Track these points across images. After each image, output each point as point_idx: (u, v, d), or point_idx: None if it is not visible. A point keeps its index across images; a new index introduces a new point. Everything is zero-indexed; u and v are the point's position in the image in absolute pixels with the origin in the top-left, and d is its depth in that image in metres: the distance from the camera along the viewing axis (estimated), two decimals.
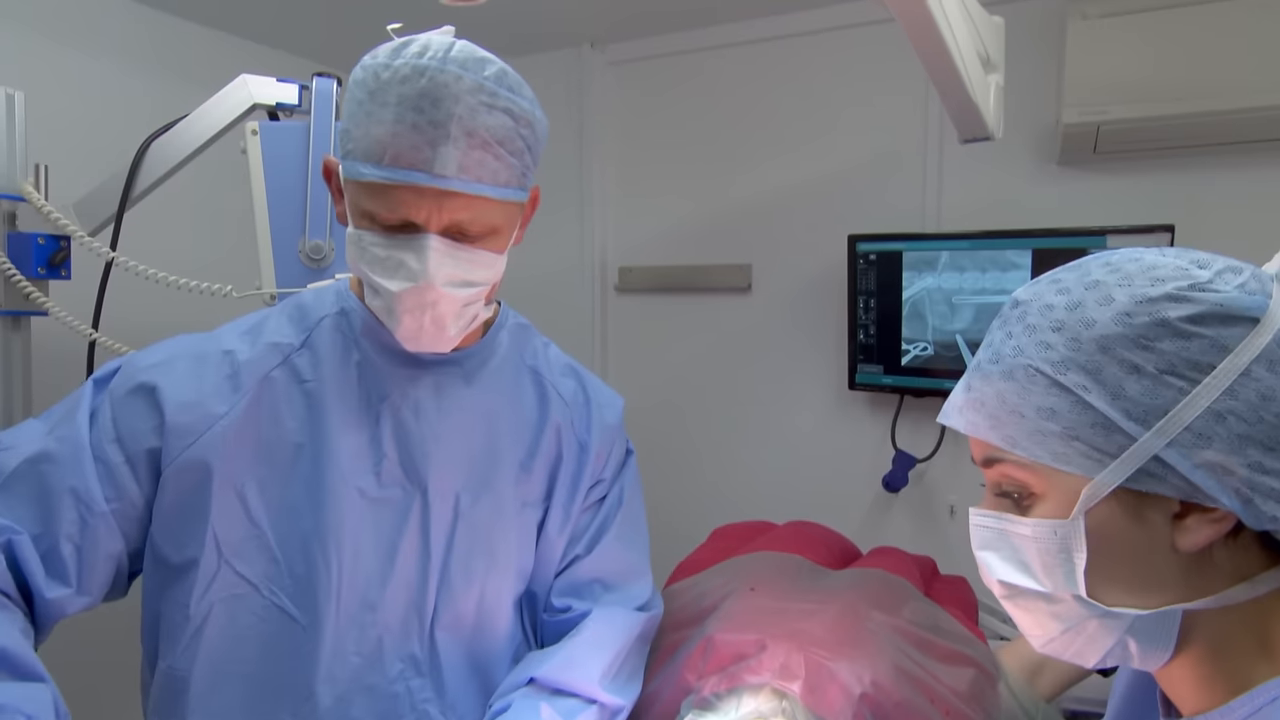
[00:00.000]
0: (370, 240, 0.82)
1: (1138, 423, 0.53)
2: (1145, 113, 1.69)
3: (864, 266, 2.03)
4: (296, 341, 0.91)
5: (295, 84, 1.43)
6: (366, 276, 0.85)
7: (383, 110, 0.78)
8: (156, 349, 0.91)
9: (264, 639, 0.86)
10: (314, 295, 0.97)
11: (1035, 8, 1.89)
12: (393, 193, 0.79)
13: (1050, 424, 0.55)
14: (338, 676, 0.87)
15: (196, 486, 0.84)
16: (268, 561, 0.86)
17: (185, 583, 0.85)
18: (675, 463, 2.42)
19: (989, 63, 1.35)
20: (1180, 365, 0.52)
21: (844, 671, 0.93)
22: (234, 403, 0.86)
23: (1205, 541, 0.53)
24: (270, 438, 0.87)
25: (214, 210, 1.93)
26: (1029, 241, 1.85)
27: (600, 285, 2.50)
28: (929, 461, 2.08)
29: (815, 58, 2.18)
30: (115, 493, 0.84)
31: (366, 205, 0.81)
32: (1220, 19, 1.65)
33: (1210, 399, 0.51)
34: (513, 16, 1.57)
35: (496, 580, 0.96)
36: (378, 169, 0.79)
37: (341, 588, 0.87)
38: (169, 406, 0.85)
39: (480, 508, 0.95)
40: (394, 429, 0.91)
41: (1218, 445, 0.51)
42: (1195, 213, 1.78)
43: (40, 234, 1.41)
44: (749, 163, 2.29)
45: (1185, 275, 0.54)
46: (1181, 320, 0.52)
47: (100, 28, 1.91)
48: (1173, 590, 0.55)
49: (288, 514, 0.87)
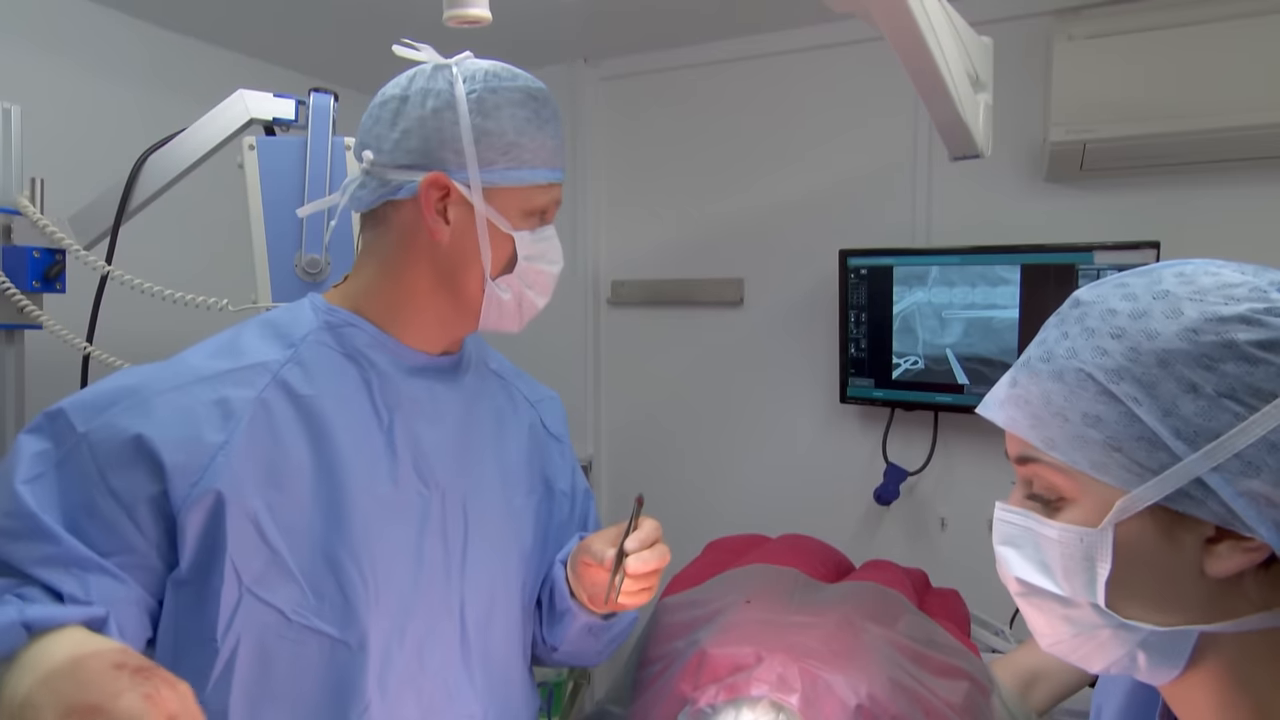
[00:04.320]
0: (531, 238, 0.95)
1: (1186, 443, 0.51)
2: (1130, 131, 1.72)
3: (855, 281, 2.05)
4: (282, 358, 0.89)
5: (292, 99, 1.44)
6: (533, 271, 0.96)
7: (552, 124, 0.95)
8: (110, 390, 0.83)
9: (302, 662, 0.84)
10: (287, 313, 0.95)
11: (1023, 29, 1.93)
12: (554, 189, 0.97)
13: (1094, 431, 0.54)
14: (388, 684, 0.87)
15: (213, 518, 0.81)
16: (291, 585, 0.83)
17: (207, 616, 0.81)
18: (667, 476, 2.42)
19: (978, 82, 1.38)
20: (1241, 390, 0.50)
21: (840, 684, 0.94)
22: (230, 430, 0.82)
23: (1235, 569, 0.52)
24: (274, 460, 0.84)
25: (210, 225, 1.93)
26: (1018, 257, 1.87)
27: (593, 299, 2.51)
28: (920, 475, 2.09)
29: (808, 75, 2.21)
30: (117, 545, 0.79)
31: (543, 200, 0.95)
32: (1203, 40, 1.68)
33: (1267, 428, 0.49)
34: (506, 32, 1.59)
35: (508, 572, 1.00)
36: (554, 172, 0.96)
37: (380, 597, 0.87)
38: (163, 449, 0.79)
39: (492, 503, 0.99)
40: (406, 435, 0.93)
41: (1266, 476, 0.49)
42: (1180, 229, 1.80)
43: (35, 247, 1.41)
44: (741, 177, 2.31)
45: (1262, 297, 0.52)
46: (1250, 344, 0.50)
47: (97, 42, 1.92)
48: (1193, 612, 0.54)
49: (306, 535, 0.84)
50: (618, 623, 1.09)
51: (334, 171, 1.39)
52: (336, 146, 1.40)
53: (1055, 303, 0.63)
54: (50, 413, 0.82)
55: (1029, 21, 1.93)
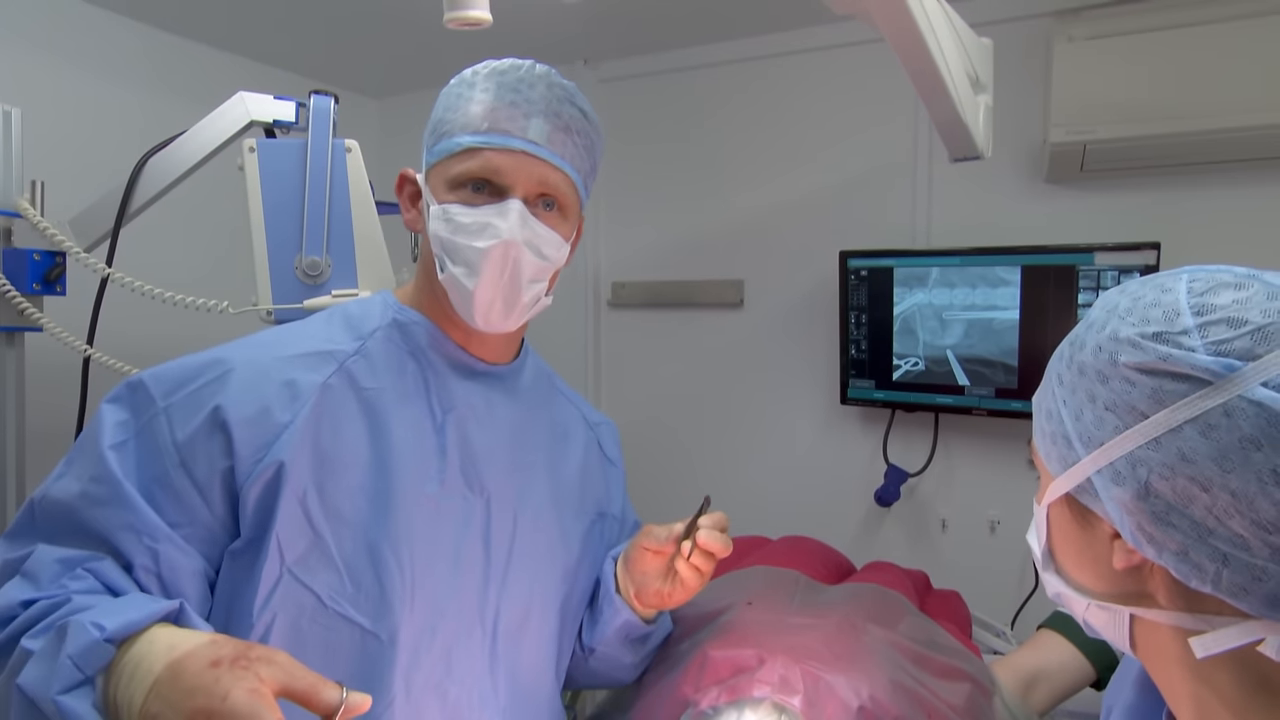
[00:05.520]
0: (459, 210, 0.89)
1: (1084, 445, 0.57)
2: (1131, 132, 1.72)
3: (855, 282, 2.05)
4: (350, 349, 0.91)
5: (293, 101, 1.44)
6: (451, 244, 0.89)
7: (482, 94, 0.89)
8: (190, 365, 0.86)
9: (333, 649, 0.84)
10: (360, 306, 0.98)
11: (1023, 30, 1.93)
12: (486, 154, 0.88)
13: (1046, 425, 0.61)
14: (413, 683, 0.87)
15: (269, 493, 0.82)
16: (331, 572, 0.84)
17: (250, 587, 0.82)
18: (668, 477, 2.42)
19: (978, 83, 1.38)
20: (1119, 407, 0.54)
21: (842, 686, 0.94)
22: (296, 411, 0.84)
23: (1126, 565, 0.56)
24: (329, 446, 0.85)
25: (210, 227, 1.94)
26: (1018, 258, 1.87)
27: (593, 300, 2.52)
28: (921, 476, 2.09)
29: (807, 76, 2.21)
30: (185, 517, 0.81)
31: (458, 170, 0.89)
32: (1203, 41, 1.68)
33: (1135, 444, 0.53)
34: (505, 34, 1.59)
35: (547, 588, 1.00)
36: (476, 136, 0.88)
37: (415, 594, 0.87)
38: (235, 425, 0.82)
39: (541, 516, 0.99)
40: (458, 438, 0.93)
41: (1128, 488, 0.53)
42: (1180, 230, 1.80)
43: (36, 250, 1.41)
44: (741, 179, 2.32)
45: (1169, 320, 0.53)
46: (1129, 367, 0.54)
47: (97, 44, 1.92)
48: (1115, 596, 0.59)
49: (350, 524, 0.85)
50: (652, 636, 1.09)
51: (334, 174, 1.39)
52: (337, 149, 1.40)
53: (1055, 304, 0.68)
54: (131, 383, 0.85)
55: (1029, 22, 1.93)
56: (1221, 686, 0.55)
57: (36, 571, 0.76)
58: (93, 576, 0.76)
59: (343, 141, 1.41)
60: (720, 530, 0.98)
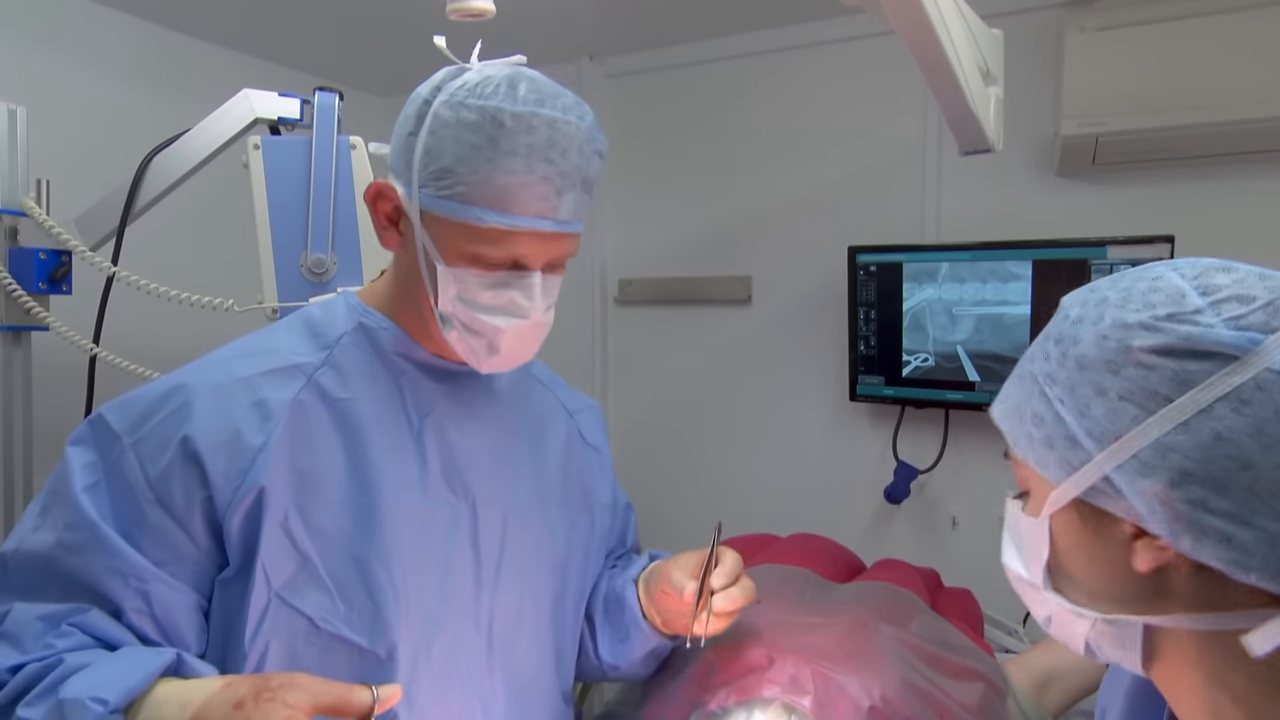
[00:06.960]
0: (476, 281, 0.83)
1: (1096, 442, 0.54)
2: (1143, 124, 1.70)
3: (864, 278, 2.04)
4: (317, 360, 0.87)
5: (297, 99, 1.43)
6: (468, 316, 0.84)
7: (510, 159, 0.78)
8: (150, 395, 0.82)
9: (330, 672, 0.81)
10: (322, 310, 0.93)
11: (1034, 21, 1.91)
12: (513, 238, 0.81)
13: (1036, 430, 0.58)
14: (415, 697, 0.86)
15: (251, 520, 0.80)
16: (321, 593, 0.82)
17: (242, 616, 0.80)
18: (676, 475, 2.41)
19: (989, 75, 1.36)
20: (1138, 394, 0.52)
21: (853, 686, 0.93)
22: (268, 432, 0.81)
23: (1153, 565, 0.53)
24: (306, 465, 0.83)
25: (215, 225, 1.93)
26: (1029, 252, 1.85)
27: (600, 297, 2.51)
28: (931, 473, 2.07)
29: (816, 70, 2.20)
30: (169, 554, 0.79)
31: (475, 248, 0.81)
32: (1215, 31, 1.66)
33: (1161, 431, 0.51)
34: (512, 29, 1.58)
35: (538, 585, 0.98)
36: (504, 217, 0.79)
37: (409, 607, 0.85)
38: (206, 453, 0.79)
39: (528, 514, 0.97)
40: (438, 443, 0.91)
41: (1159, 477, 0.51)
42: (1194, 223, 1.78)
43: (41, 249, 1.41)
44: (749, 174, 2.30)
45: (1175, 301, 0.53)
46: (1145, 350, 0.52)
47: (102, 43, 1.92)
48: (1133, 604, 0.56)
49: (337, 540, 0.83)
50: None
51: (339, 171, 1.38)
52: (342, 145, 1.39)
53: None
54: (92, 420, 0.82)
55: (1040, 14, 1.90)
56: (1238, 690, 0.54)
57: (18, 633, 0.74)
58: (79, 631, 0.74)
59: (348, 138, 1.40)
60: (735, 578, 0.95)
